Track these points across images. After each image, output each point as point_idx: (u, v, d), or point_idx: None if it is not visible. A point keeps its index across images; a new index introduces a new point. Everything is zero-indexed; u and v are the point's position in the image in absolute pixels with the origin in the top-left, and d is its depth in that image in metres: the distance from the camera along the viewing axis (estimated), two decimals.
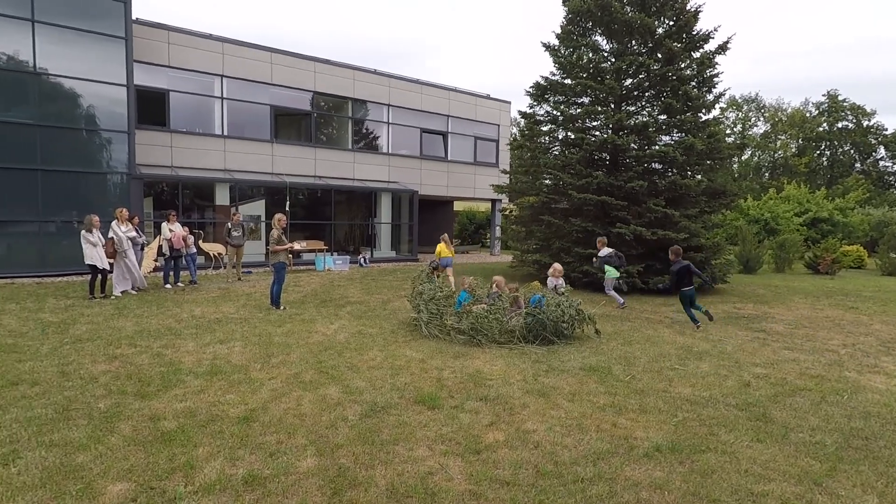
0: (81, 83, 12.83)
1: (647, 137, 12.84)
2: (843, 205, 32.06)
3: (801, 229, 28.13)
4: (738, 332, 8.44)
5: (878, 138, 49.57)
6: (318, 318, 8.34)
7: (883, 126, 49.15)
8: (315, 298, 10.45)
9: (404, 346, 6.60)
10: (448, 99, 22.25)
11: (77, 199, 12.78)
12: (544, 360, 6.17)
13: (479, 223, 33.91)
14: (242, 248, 13.04)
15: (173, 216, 11.49)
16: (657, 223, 12.67)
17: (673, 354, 6.74)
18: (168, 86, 15.66)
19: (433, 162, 22.05)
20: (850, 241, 27.84)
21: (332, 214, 18.48)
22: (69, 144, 12.75)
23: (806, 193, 31.92)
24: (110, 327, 7.23)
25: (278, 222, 9.12)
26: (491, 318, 6.69)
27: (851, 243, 26.62)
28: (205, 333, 7.03)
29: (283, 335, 7.06)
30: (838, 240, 25.64)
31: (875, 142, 49.61)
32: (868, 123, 49.11)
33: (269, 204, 17.32)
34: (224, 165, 16.64)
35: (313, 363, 5.72)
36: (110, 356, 5.78)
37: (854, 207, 32.54)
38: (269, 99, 17.56)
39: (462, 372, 5.55)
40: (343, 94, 19.20)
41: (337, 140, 20.35)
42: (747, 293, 13.64)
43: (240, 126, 17.21)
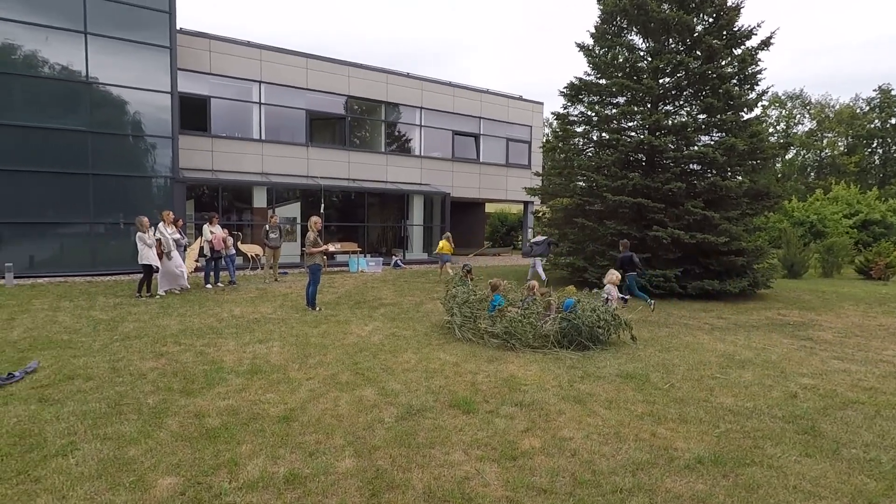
0: (129, 91, 13.38)
1: (685, 138, 12.54)
2: None
3: (850, 232, 26.93)
4: (783, 340, 8.14)
5: None
6: (353, 320, 8.46)
7: None
8: (349, 300, 10.60)
9: (438, 349, 6.63)
10: (480, 101, 22.25)
11: (124, 202, 13.32)
12: (579, 365, 6.10)
13: (511, 225, 33.73)
14: (279, 250, 13.35)
15: (215, 218, 11.86)
16: (696, 226, 12.35)
17: (713, 362, 6.55)
18: (209, 92, 16.17)
19: (465, 164, 22.08)
20: None
21: (366, 216, 18.72)
22: (117, 150, 13.31)
23: (856, 194, 30.51)
24: (156, 325, 7.51)
25: (314, 225, 9.29)
26: (525, 323, 6.65)
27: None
28: (244, 333, 7.23)
29: (319, 336, 7.19)
30: (893, 243, 24.41)
31: None
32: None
33: (305, 206, 17.67)
34: (261, 169, 17.06)
35: (349, 364, 5.81)
36: (157, 353, 6.01)
37: None
38: (305, 103, 17.93)
39: (496, 376, 5.54)
40: (376, 98, 19.43)
41: (370, 143, 20.60)
42: (792, 299, 13.15)
43: (276, 130, 17.62)
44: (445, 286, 8.45)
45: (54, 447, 3.64)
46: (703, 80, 12.96)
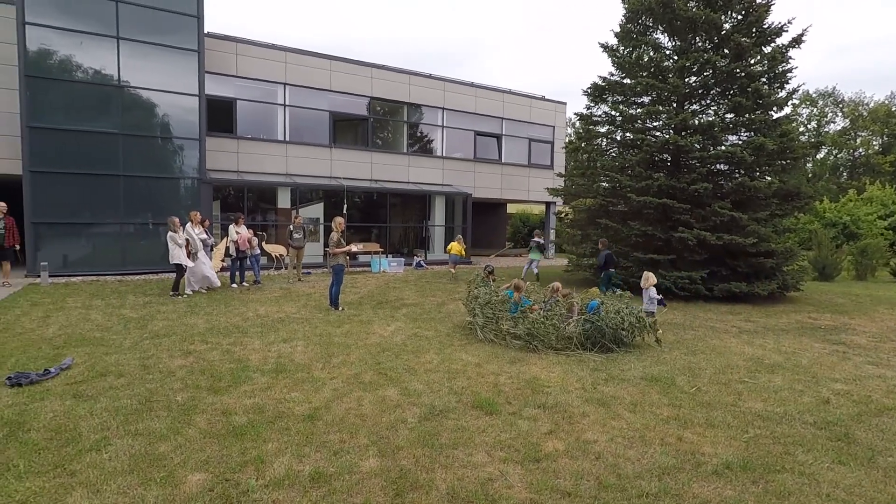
0: (158, 94, 13.71)
1: (712, 137, 12.29)
2: None
3: (885, 233, 26.08)
4: (815, 345, 7.94)
5: None
6: (376, 320, 8.52)
7: None
8: (372, 300, 10.68)
9: (460, 350, 6.63)
10: (502, 101, 22.19)
11: (153, 203, 13.66)
12: (603, 368, 6.03)
13: (533, 226, 33.52)
14: (303, 250, 13.52)
15: (241, 219, 12.07)
16: (722, 227, 12.11)
17: (742, 366, 6.42)
18: (235, 94, 16.47)
19: (487, 164, 22.04)
20: None
21: (388, 217, 18.83)
22: (146, 151, 13.65)
23: (892, 194, 29.53)
24: (184, 324, 7.68)
25: (338, 225, 9.39)
26: (548, 324, 6.61)
27: None
28: (269, 332, 7.34)
29: (343, 336, 7.25)
30: None
31: None
32: None
33: (328, 207, 17.86)
34: (286, 170, 17.30)
35: (372, 364, 5.85)
36: (185, 351, 6.14)
37: None
38: (329, 105, 18.12)
39: (519, 378, 5.51)
40: (399, 99, 19.53)
41: (392, 144, 20.72)
42: (824, 302, 12.79)
43: (300, 131, 17.85)
44: (466, 287, 8.45)
45: (88, 442, 3.76)
46: (730, 79, 12.71)
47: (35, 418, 4.13)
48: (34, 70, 12.25)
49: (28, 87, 12.17)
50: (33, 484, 3.19)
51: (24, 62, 12.12)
